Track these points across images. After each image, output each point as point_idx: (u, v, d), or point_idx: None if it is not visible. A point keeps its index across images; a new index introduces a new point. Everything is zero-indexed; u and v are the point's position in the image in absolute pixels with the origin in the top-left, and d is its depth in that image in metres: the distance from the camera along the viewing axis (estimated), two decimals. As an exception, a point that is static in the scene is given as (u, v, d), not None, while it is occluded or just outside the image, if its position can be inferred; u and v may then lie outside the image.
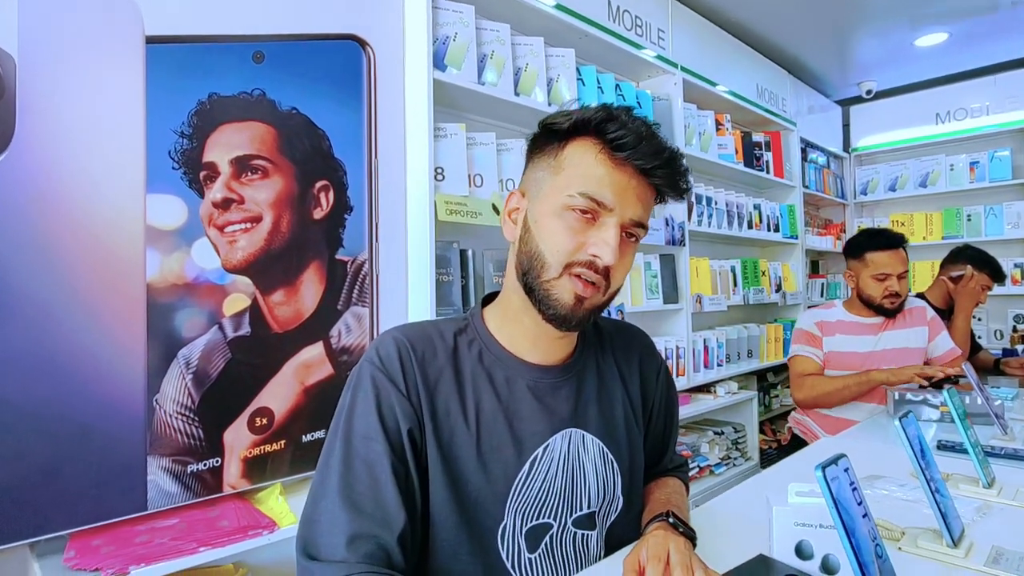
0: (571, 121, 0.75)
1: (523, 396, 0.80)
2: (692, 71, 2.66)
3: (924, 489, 0.85)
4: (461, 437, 0.76)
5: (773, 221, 3.29)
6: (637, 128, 0.73)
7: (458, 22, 1.71)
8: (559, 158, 0.76)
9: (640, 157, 0.72)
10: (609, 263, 0.73)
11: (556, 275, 0.74)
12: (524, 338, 0.82)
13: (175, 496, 1.22)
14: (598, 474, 0.84)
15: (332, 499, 0.69)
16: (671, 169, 0.75)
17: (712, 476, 2.64)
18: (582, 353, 0.88)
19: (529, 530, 0.78)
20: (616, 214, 0.73)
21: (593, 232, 0.73)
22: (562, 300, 0.74)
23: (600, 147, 0.74)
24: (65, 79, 1.11)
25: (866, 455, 1.35)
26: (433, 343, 0.80)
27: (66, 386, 1.10)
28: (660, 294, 2.42)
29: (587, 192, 0.72)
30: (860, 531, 0.63)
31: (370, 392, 0.74)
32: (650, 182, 0.76)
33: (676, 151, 0.76)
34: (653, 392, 0.96)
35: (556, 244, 0.74)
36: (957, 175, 3.83)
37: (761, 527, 0.86)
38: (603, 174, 0.73)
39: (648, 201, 0.77)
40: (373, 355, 0.77)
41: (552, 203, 0.75)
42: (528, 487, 0.78)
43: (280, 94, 1.39)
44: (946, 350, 2.10)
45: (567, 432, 0.82)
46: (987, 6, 2.99)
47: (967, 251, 2.60)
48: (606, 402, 0.88)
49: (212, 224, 1.28)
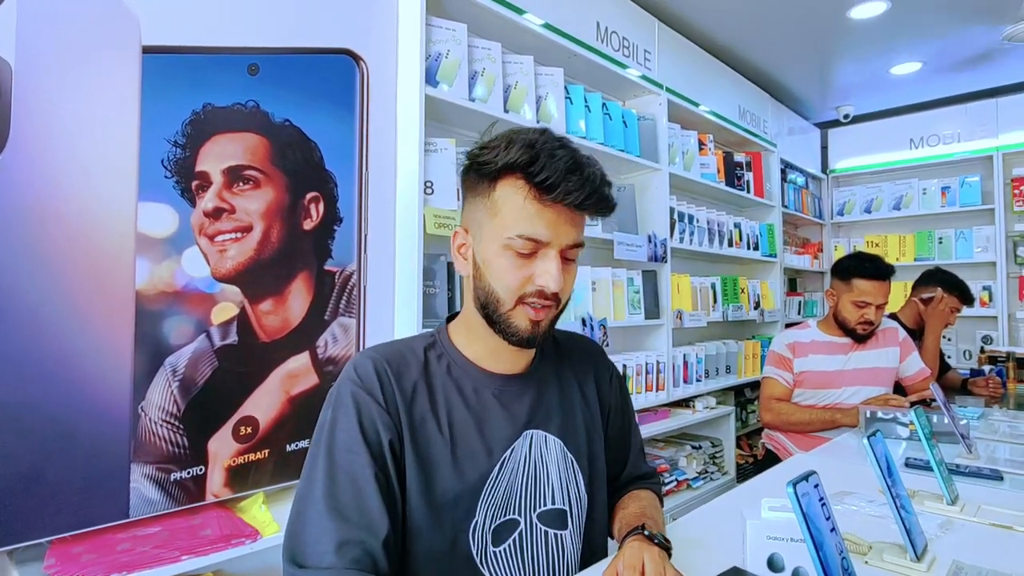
0: (498, 165, 0.79)
1: (490, 404, 0.87)
2: (677, 92, 2.73)
3: (890, 505, 0.89)
4: (437, 445, 0.82)
5: (753, 239, 3.36)
6: (560, 165, 0.76)
7: (451, 39, 1.74)
8: (492, 199, 0.81)
9: (567, 195, 0.77)
10: (555, 289, 0.80)
11: (511, 307, 0.81)
12: (488, 353, 0.88)
13: (157, 504, 1.22)
14: (560, 472, 0.90)
15: (317, 509, 0.73)
16: (597, 198, 0.79)
17: (690, 490, 2.68)
18: (541, 361, 0.95)
19: (497, 526, 0.84)
20: (553, 245, 0.80)
21: (537, 264, 0.80)
22: (520, 327, 0.82)
23: (527, 189, 0.78)
24: (61, 86, 1.12)
25: (837, 471, 1.39)
26: (406, 359, 0.86)
27: (52, 390, 1.10)
28: (642, 310, 2.46)
29: (524, 234, 0.78)
30: (828, 545, 0.67)
31: (351, 408, 0.79)
32: (579, 211, 0.81)
33: (598, 175, 0.80)
34: (608, 395, 1.02)
35: (506, 282, 0.80)
36: (929, 199, 3.96)
37: (735, 540, 0.89)
38: (534, 213, 0.78)
39: (580, 222, 0.83)
40: (352, 374, 0.82)
41: (494, 245, 0.81)
42: (496, 487, 0.84)
43: (274, 106, 1.40)
44: (916, 370, 2.17)
45: (528, 434, 0.88)
46: (959, 40, 3.12)
47: (938, 274, 2.69)
48: (566, 405, 0.94)
49: (203, 233, 1.29)
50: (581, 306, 2.18)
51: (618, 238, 2.31)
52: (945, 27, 2.97)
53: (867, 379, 2.09)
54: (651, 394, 2.47)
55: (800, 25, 2.91)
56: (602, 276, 2.30)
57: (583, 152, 0.81)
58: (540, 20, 1.99)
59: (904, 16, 2.82)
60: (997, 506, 1.13)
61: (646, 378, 2.44)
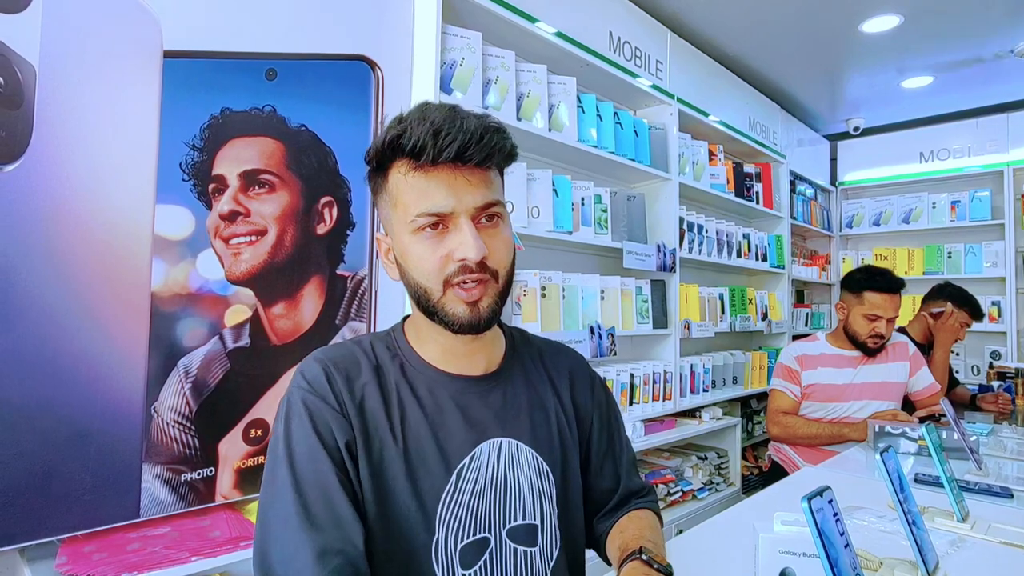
0: (373, 153, 0.76)
1: (447, 407, 0.80)
2: (688, 102, 2.73)
3: (902, 522, 0.89)
4: (389, 451, 0.76)
5: (761, 250, 3.36)
6: (426, 127, 0.71)
7: (465, 48, 1.76)
8: (388, 190, 0.77)
9: (441, 152, 0.70)
10: (477, 259, 0.72)
11: (441, 294, 0.75)
12: (441, 353, 0.83)
13: (167, 504, 1.23)
14: (533, 484, 0.83)
15: (289, 524, 0.68)
16: (477, 144, 0.71)
17: (695, 500, 2.67)
18: (509, 362, 0.88)
19: (465, 546, 0.77)
20: (459, 212, 0.73)
21: (450, 238, 0.74)
22: (457, 312, 0.75)
23: (407, 163, 0.73)
24: (84, 90, 1.14)
25: (845, 486, 1.38)
26: (356, 359, 0.80)
27: (66, 389, 1.11)
28: (650, 319, 2.46)
29: (422, 211, 0.73)
30: (842, 561, 0.67)
31: (303, 414, 0.74)
32: (471, 165, 0.73)
33: (477, 123, 0.73)
34: (590, 408, 0.94)
35: (425, 268, 0.75)
36: (939, 213, 3.95)
37: (745, 553, 0.89)
38: (424, 185, 0.73)
39: (483, 181, 0.75)
40: (300, 380, 0.77)
41: (404, 233, 0.76)
42: (457, 500, 0.77)
43: (290, 111, 1.42)
44: (926, 385, 2.16)
45: (495, 442, 0.81)
46: (971, 55, 3.12)
47: (948, 289, 2.68)
48: (538, 411, 0.87)
49: (218, 236, 1.30)
50: (590, 314, 2.18)
51: (627, 247, 2.31)
52: (957, 42, 2.97)
53: (875, 393, 2.08)
54: (658, 404, 2.46)
55: (812, 37, 2.91)
56: (611, 285, 2.31)
57: (492, 120, 0.75)
58: (553, 29, 2.01)
59: (916, 30, 2.82)
60: (1008, 524, 1.12)
61: (653, 387, 2.43)
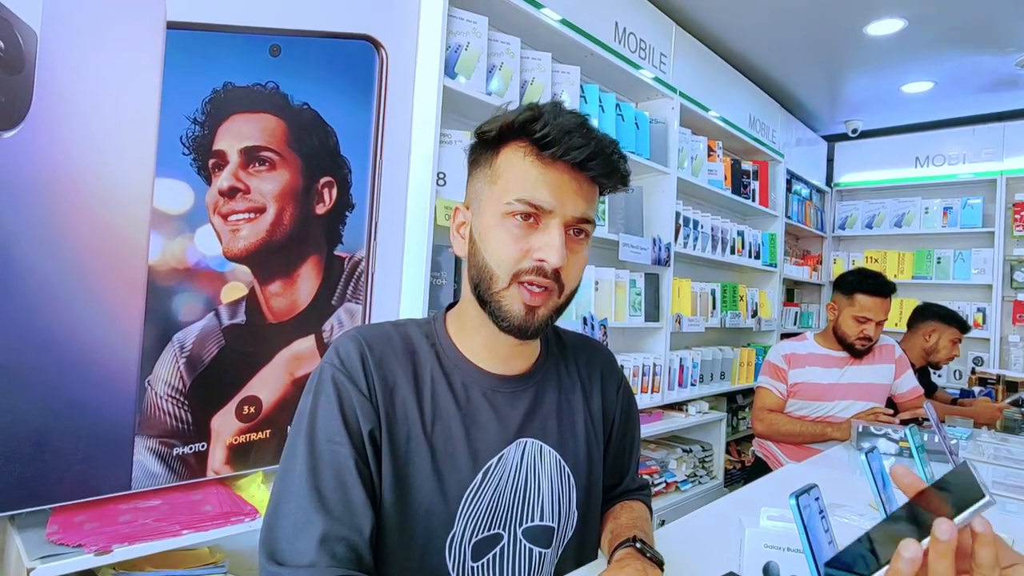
0: (498, 127, 0.74)
1: (480, 405, 0.80)
2: (689, 96, 2.73)
3: (883, 521, 0.91)
4: (417, 441, 0.75)
5: (755, 248, 3.38)
6: (563, 123, 0.71)
7: (471, 32, 1.74)
8: (494, 167, 0.75)
9: (568, 152, 0.70)
10: (556, 265, 0.72)
11: (505, 285, 0.73)
12: (482, 348, 0.81)
13: (159, 477, 1.23)
14: (553, 487, 0.83)
15: (299, 503, 0.68)
16: (603, 158, 0.72)
17: (678, 492, 2.71)
18: (543, 364, 0.87)
19: (479, 541, 0.77)
20: (557, 214, 0.72)
21: (537, 236, 0.73)
22: (513, 311, 0.73)
23: (528, 148, 0.73)
24: (85, 58, 1.12)
25: (828, 483, 1.41)
26: (393, 343, 0.79)
27: (60, 358, 1.11)
28: (642, 312, 2.48)
29: (523, 197, 0.72)
30: (826, 557, 0.69)
31: (332, 394, 0.73)
32: (587, 175, 0.74)
33: (607, 140, 0.74)
34: (613, 409, 0.94)
35: (501, 254, 0.73)
36: (931, 218, 3.99)
37: (728, 546, 0.91)
38: (536, 176, 0.72)
39: (589, 195, 0.75)
40: (333, 356, 0.76)
41: (493, 213, 0.74)
42: (479, 497, 0.77)
43: (293, 88, 1.40)
44: (910, 388, 2.20)
45: (521, 442, 0.81)
46: (973, 62, 3.13)
47: (932, 308, 2.71)
48: (567, 415, 0.87)
49: (217, 212, 1.29)
50: (584, 305, 2.19)
51: (623, 239, 2.32)
52: (960, 49, 2.98)
53: (860, 394, 2.12)
54: (646, 396, 2.49)
55: (816, 38, 2.91)
56: (605, 276, 2.32)
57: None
58: (558, 16, 1.99)
59: (920, 35, 2.83)
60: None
61: (642, 380, 2.46)
